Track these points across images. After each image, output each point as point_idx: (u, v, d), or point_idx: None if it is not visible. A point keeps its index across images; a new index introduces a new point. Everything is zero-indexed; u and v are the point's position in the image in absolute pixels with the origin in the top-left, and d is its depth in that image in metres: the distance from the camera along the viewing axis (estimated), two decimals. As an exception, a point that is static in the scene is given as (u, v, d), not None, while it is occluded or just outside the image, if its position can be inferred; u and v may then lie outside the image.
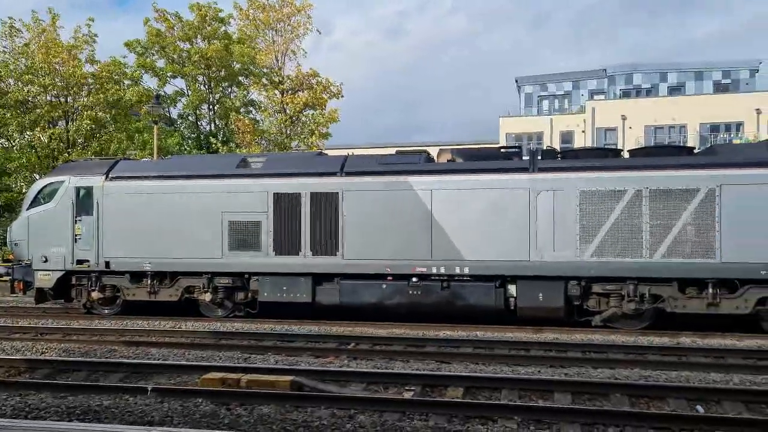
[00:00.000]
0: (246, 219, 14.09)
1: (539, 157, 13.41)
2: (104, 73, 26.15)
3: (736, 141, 34.95)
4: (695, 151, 13.75)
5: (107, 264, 14.77)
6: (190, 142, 29.37)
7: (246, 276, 14.33)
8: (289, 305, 14.11)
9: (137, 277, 14.85)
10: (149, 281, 14.70)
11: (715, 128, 39.69)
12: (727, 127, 39.49)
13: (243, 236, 14.10)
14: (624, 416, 6.83)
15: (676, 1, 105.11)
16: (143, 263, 14.56)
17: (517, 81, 53.99)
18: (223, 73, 29.02)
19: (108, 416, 6.86)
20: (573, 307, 12.93)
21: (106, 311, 15.28)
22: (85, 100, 25.82)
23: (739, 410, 7.31)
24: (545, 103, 52.64)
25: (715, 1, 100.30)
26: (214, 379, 8.03)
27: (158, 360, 10.03)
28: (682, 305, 12.35)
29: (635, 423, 6.64)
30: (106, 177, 14.97)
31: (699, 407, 7.46)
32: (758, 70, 47.28)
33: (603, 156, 13.73)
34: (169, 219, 14.39)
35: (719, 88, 47.01)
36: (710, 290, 12.07)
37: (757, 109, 37.77)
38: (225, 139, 29.11)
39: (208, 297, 14.44)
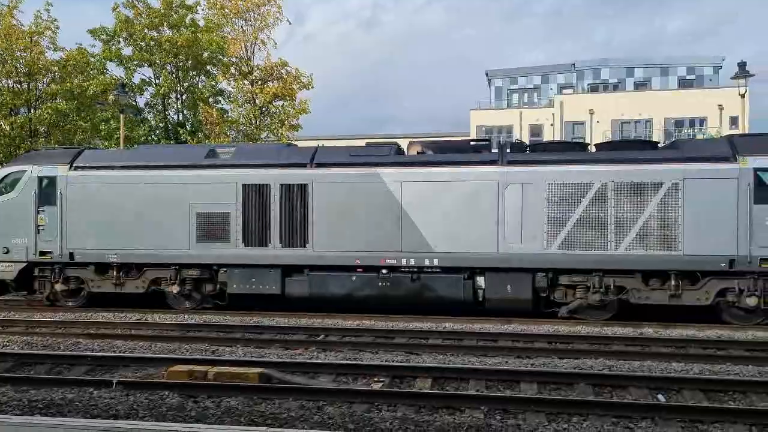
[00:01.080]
0: (214, 210, 13.94)
1: (508, 150, 13.54)
2: (71, 62, 25.51)
3: (699, 136, 35.71)
4: (659, 145, 14.02)
5: (71, 255, 14.49)
6: (157, 132, 28.88)
7: (214, 268, 14.18)
8: (258, 297, 14.03)
9: (102, 268, 14.60)
10: (115, 273, 14.46)
11: (679, 123, 40.52)
12: (691, 123, 40.35)
13: (211, 228, 13.95)
14: (587, 405, 6.98)
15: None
16: (109, 255, 14.31)
17: (487, 74, 54.26)
18: (190, 63, 28.55)
19: (72, 410, 6.75)
20: (540, 299, 13.11)
21: (70, 303, 15.00)
22: (48, 88, 25.16)
23: (698, 399, 7.52)
24: (515, 97, 53.05)
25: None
26: (181, 372, 7.97)
27: (124, 352, 9.91)
28: (645, 296, 12.62)
29: (599, 412, 6.79)
30: (71, 166, 14.66)
31: (660, 396, 7.66)
32: (721, 67, 48.28)
33: (571, 150, 13.94)
34: (135, 210, 14.16)
35: (684, 84, 47.95)
36: (673, 282, 12.35)
37: (720, 105, 38.63)
38: (193, 129, 28.69)
39: (175, 289, 14.27)
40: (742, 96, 21.47)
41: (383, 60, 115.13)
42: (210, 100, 29.13)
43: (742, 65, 20.94)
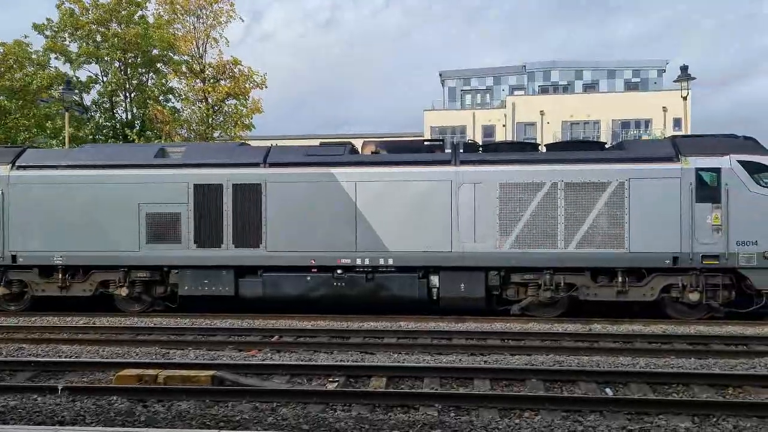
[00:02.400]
0: (165, 210, 13.66)
1: (461, 151, 13.69)
2: (9, 57, 24.58)
3: (644, 137, 36.86)
4: (607, 146, 14.41)
5: (14, 258, 13.97)
6: (105, 131, 28.09)
7: (165, 269, 13.90)
8: (211, 299, 13.81)
9: (47, 271, 14.13)
10: (60, 276, 14.02)
11: (626, 125, 41.69)
12: (637, 124, 41.59)
13: (162, 228, 13.67)
14: (538, 400, 7.13)
15: (599, 1, 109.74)
16: (54, 257, 13.86)
17: (441, 75, 54.66)
18: (139, 60, 27.87)
19: (14, 417, 6.53)
20: (493, 297, 13.31)
21: (13, 308, 14.46)
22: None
23: (644, 391, 7.76)
24: (468, 98, 53.63)
25: (635, 3, 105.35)
26: (130, 376, 7.79)
27: (70, 357, 9.62)
28: (594, 293, 12.95)
29: (549, 406, 6.94)
30: (12, 166, 14.14)
31: (608, 390, 7.88)
32: (665, 70, 49.92)
33: (522, 150, 14.18)
34: (81, 211, 13.76)
35: (630, 87, 49.37)
36: (620, 279, 12.71)
37: (664, 107, 39.95)
38: (142, 128, 28.03)
39: (124, 291, 13.92)
40: (684, 98, 22.28)
41: (341, 60, 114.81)
42: (160, 98, 28.52)
43: (683, 69, 21.73)
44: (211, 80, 27.99)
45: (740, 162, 12.48)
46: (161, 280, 14.04)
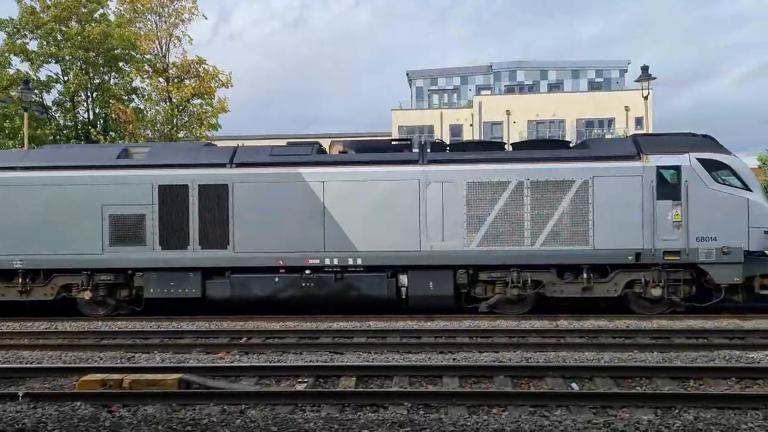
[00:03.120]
0: (129, 212, 13.43)
1: (429, 150, 13.75)
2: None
3: (608, 136, 37.53)
4: (571, 145, 14.64)
5: (-29, 262, 13.58)
6: (66, 131, 27.45)
7: (129, 272, 13.67)
8: (178, 301, 13.63)
9: (6, 275, 13.77)
10: (21, 280, 13.67)
11: (590, 124, 42.41)
12: (601, 123, 42.35)
13: (126, 230, 13.43)
14: (506, 396, 7.21)
15: (564, 3, 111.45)
16: (13, 260, 13.51)
17: (408, 75, 54.87)
18: (101, 59, 27.29)
19: (-28, 427, 6.33)
20: (461, 295, 13.41)
21: (-29, 314, 14.05)
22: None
23: (608, 385, 7.91)
24: (435, 97, 53.93)
25: (598, 5, 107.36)
26: (94, 381, 7.63)
27: (31, 363, 9.39)
28: (560, 290, 13.15)
29: (517, 402, 7.02)
30: (-31, 168, 13.74)
31: (574, 384, 8.01)
32: (627, 71, 50.99)
33: (488, 149, 14.34)
34: (42, 213, 13.45)
35: (593, 86, 50.26)
36: (585, 275, 12.93)
37: (627, 107, 40.77)
38: (105, 128, 27.48)
39: (87, 295, 13.65)
40: (645, 98, 22.77)
41: (309, 60, 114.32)
42: (124, 98, 27.99)
43: (644, 69, 22.19)
44: (175, 79, 27.59)
45: (699, 160, 12.81)
46: (126, 283, 13.80)
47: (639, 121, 37.94)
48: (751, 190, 12.76)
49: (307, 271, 13.26)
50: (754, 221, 12.58)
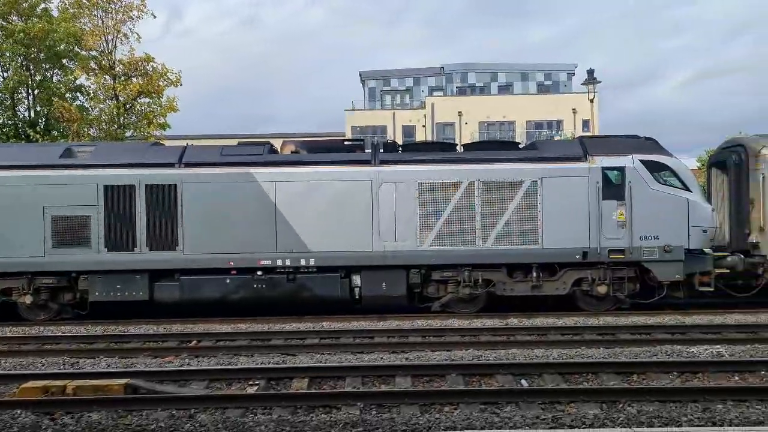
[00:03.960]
0: (72, 213, 13.01)
1: (381, 150, 13.79)
2: None
3: (556, 138, 38.40)
4: (520, 146, 14.90)
5: None
6: (5, 130, 26.38)
7: (73, 275, 13.24)
8: (125, 304, 13.27)
9: (-60, 280, 13.15)
10: (-44, 285, 13.08)
11: (539, 125, 43.34)
12: (549, 125, 43.32)
13: (69, 232, 13.00)
14: (457, 394, 7.29)
15: (514, 7, 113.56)
16: (-52, 264, 12.92)
17: (361, 75, 54.92)
18: (43, 55, 26.33)
19: None
20: (414, 294, 13.49)
21: None
22: None
23: (557, 381, 8.09)
24: (388, 98, 54.13)
25: (547, 10, 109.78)
26: (35, 388, 7.38)
27: (-32, 372, 8.99)
28: (510, 288, 13.37)
29: (468, 400, 7.11)
30: None
31: (523, 381, 8.16)
32: (574, 74, 52.32)
33: (440, 150, 14.45)
34: (-21, 214, 12.89)
35: (542, 89, 51.39)
36: (534, 274, 13.18)
37: (574, 109, 41.81)
38: (47, 127, 26.52)
39: (28, 299, 13.16)
40: (591, 101, 23.39)
41: (262, 59, 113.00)
42: (67, 95, 27.07)
43: (590, 72, 22.80)
44: (122, 77, 26.84)
45: (642, 161, 13.23)
46: (69, 287, 13.37)
47: (586, 123, 38.95)
48: (690, 191, 13.24)
49: (259, 273, 13.11)
50: (693, 220, 13.07)
